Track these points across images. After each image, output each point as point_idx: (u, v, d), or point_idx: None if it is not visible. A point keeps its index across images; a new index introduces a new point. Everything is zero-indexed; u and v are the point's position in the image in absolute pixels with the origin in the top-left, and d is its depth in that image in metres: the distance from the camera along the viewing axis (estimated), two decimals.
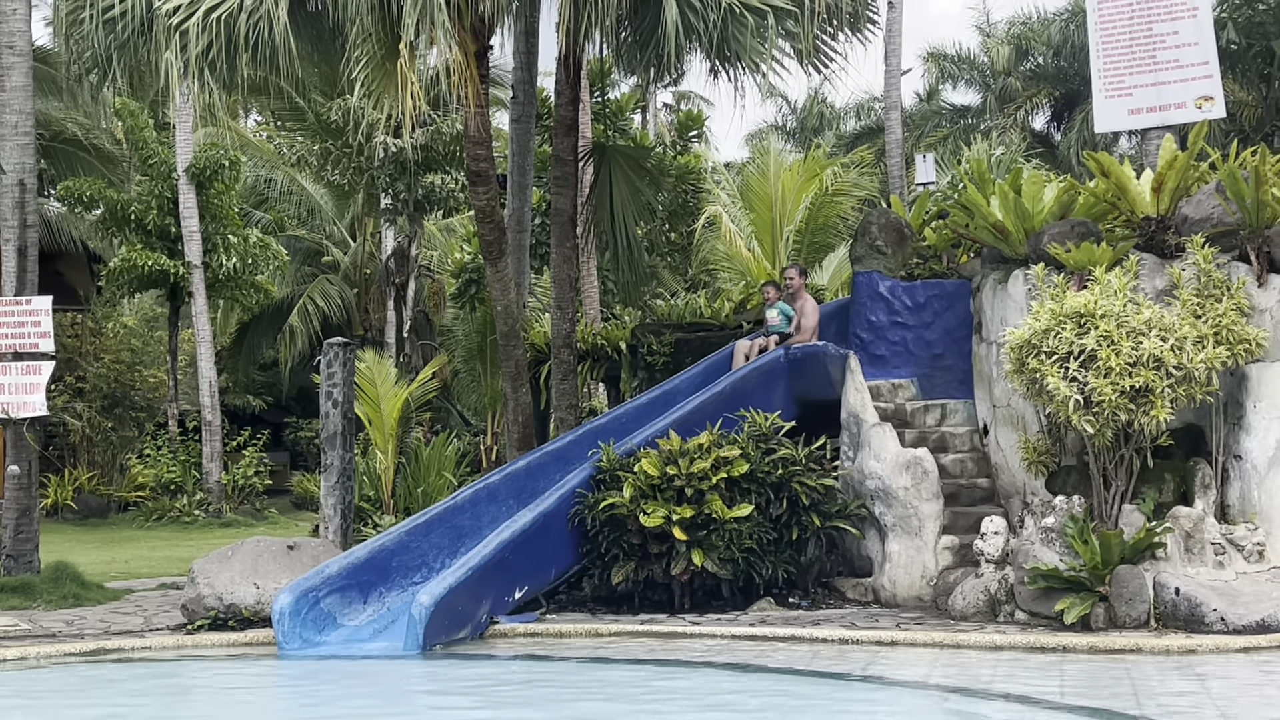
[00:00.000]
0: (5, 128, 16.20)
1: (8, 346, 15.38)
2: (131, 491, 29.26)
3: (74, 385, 28.53)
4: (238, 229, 30.82)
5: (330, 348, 15.83)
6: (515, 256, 18.62)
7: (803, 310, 15.86)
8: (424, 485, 21.19)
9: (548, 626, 12.38)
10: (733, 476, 13.19)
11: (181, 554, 19.95)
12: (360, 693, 10.12)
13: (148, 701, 9.89)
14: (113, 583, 16.54)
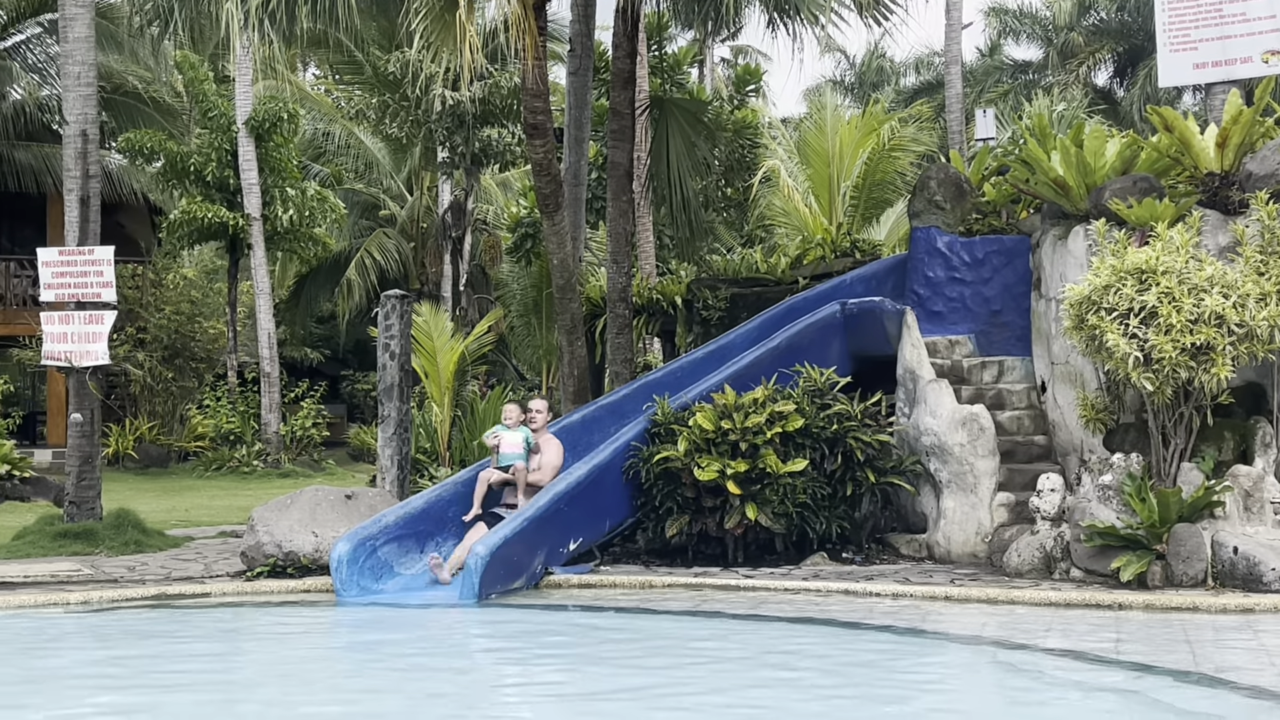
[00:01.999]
0: (68, 79, 16.33)
1: (70, 296, 15.54)
2: (191, 442, 29.60)
3: (135, 336, 28.83)
4: (296, 182, 30.97)
5: (388, 300, 15.90)
6: (571, 210, 18.61)
7: (546, 448, 13.29)
8: (479, 438, 21.28)
9: (602, 578, 12.44)
10: (787, 431, 13.18)
11: (240, 503, 20.19)
12: (419, 639, 10.20)
13: (209, 645, 10.02)
14: (173, 530, 16.76)
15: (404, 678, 8.69)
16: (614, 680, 8.68)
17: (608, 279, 18.25)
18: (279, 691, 8.45)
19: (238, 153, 29.81)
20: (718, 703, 7.87)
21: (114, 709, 7.83)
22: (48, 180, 31.03)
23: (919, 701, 8.16)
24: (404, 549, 12.46)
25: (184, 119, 34.31)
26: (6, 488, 22.17)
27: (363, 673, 9.07)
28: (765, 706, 7.71)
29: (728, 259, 22.27)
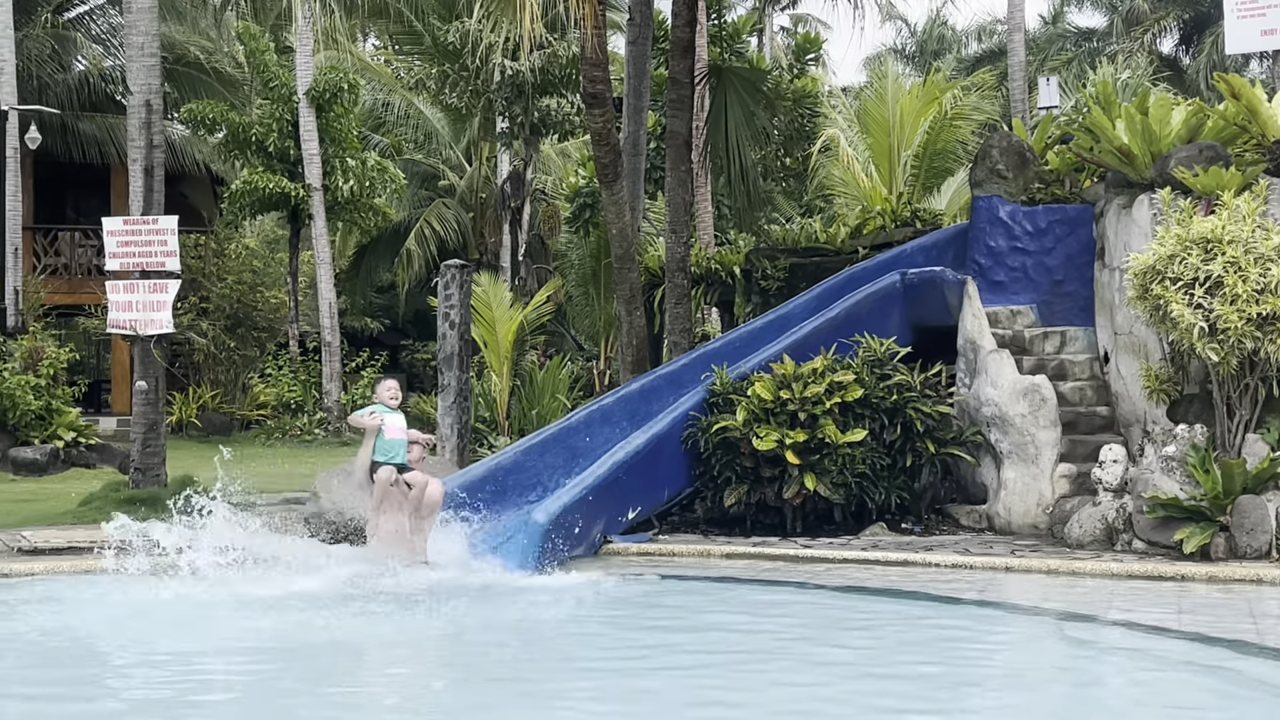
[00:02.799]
0: (131, 49, 16.47)
1: (135, 265, 15.70)
2: (253, 410, 29.89)
3: (198, 305, 29.11)
4: (356, 152, 31.12)
5: (448, 270, 15.98)
6: (630, 180, 18.59)
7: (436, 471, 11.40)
8: (538, 408, 21.38)
9: (660, 546, 12.48)
10: (846, 401, 13.15)
11: (303, 471, 20.32)
12: (481, 604, 10.27)
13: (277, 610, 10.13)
14: (236, 498, 16.92)
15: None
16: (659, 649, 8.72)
17: (666, 249, 18.24)
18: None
19: (299, 123, 29.98)
20: (769, 681, 7.88)
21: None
22: (111, 151, 31.33)
23: (979, 672, 8.14)
24: (464, 517, 12.53)
25: (245, 89, 34.54)
26: (73, 454, 22.48)
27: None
28: (822, 680, 7.71)
29: (787, 229, 22.18)
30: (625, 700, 7.13)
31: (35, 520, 14.67)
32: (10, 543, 12.85)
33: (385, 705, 7.31)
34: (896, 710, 6.90)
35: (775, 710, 6.88)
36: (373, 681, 7.94)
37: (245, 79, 34.72)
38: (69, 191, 34.18)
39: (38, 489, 19.07)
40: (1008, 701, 7.32)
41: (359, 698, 7.42)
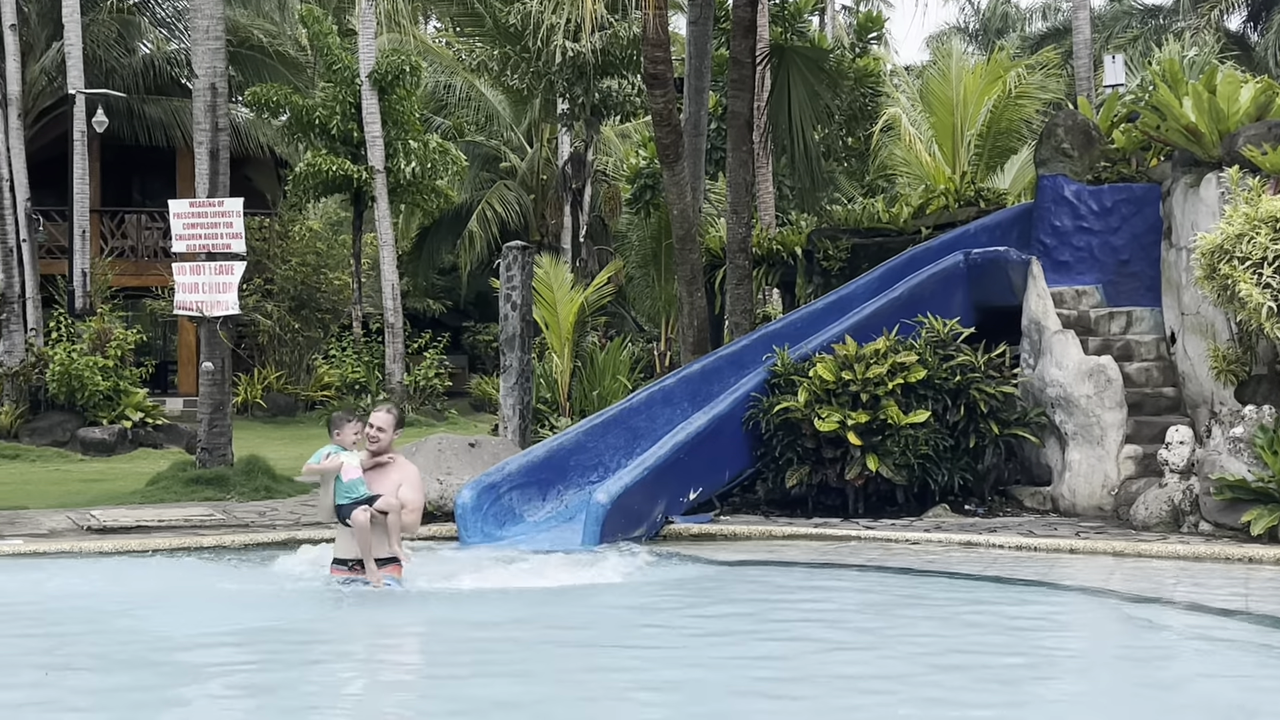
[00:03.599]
0: (196, 32, 16.63)
1: (201, 247, 15.86)
2: (318, 391, 30.14)
3: (263, 287, 29.35)
4: (418, 134, 31.24)
5: (509, 251, 16.03)
6: (691, 161, 18.56)
7: (406, 478, 9.59)
8: (599, 389, 21.38)
9: (722, 527, 12.49)
10: (909, 382, 13.09)
11: None
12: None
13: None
14: (305, 476, 17.08)
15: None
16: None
17: (727, 229, 18.20)
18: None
19: (361, 106, 30.13)
20: (830, 666, 7.86)
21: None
22: (177, 134, 31.65)
23: (1044, 655, 8.09)
24: (526, 496, 12.62)
25: (308, 72, 34.76)
26: (140, 435, 22.79)
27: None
28: (885, 664, 7.68)
29: (849, 209, 22.07)
30: (666, 690, 7.08)
31: (104, 499, 14.89)
32: (80, 521, 13.06)
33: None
34: (959, 697, 6.84)
35: (834, 697, 6.83)
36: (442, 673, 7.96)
37: (308, 62, 34.94)
38: (135, 174, 34.58)
39: (106, 469, 19.37)
40: (1074, 685, 7.28)
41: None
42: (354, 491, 9.15)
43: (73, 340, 23.58)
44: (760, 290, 23.73)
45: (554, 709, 6.69)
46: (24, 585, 10.08)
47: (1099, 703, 6.88)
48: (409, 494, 9.36)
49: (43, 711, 6.52)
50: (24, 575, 10.48)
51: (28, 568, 10.84)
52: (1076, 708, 6.76)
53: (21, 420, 22.69)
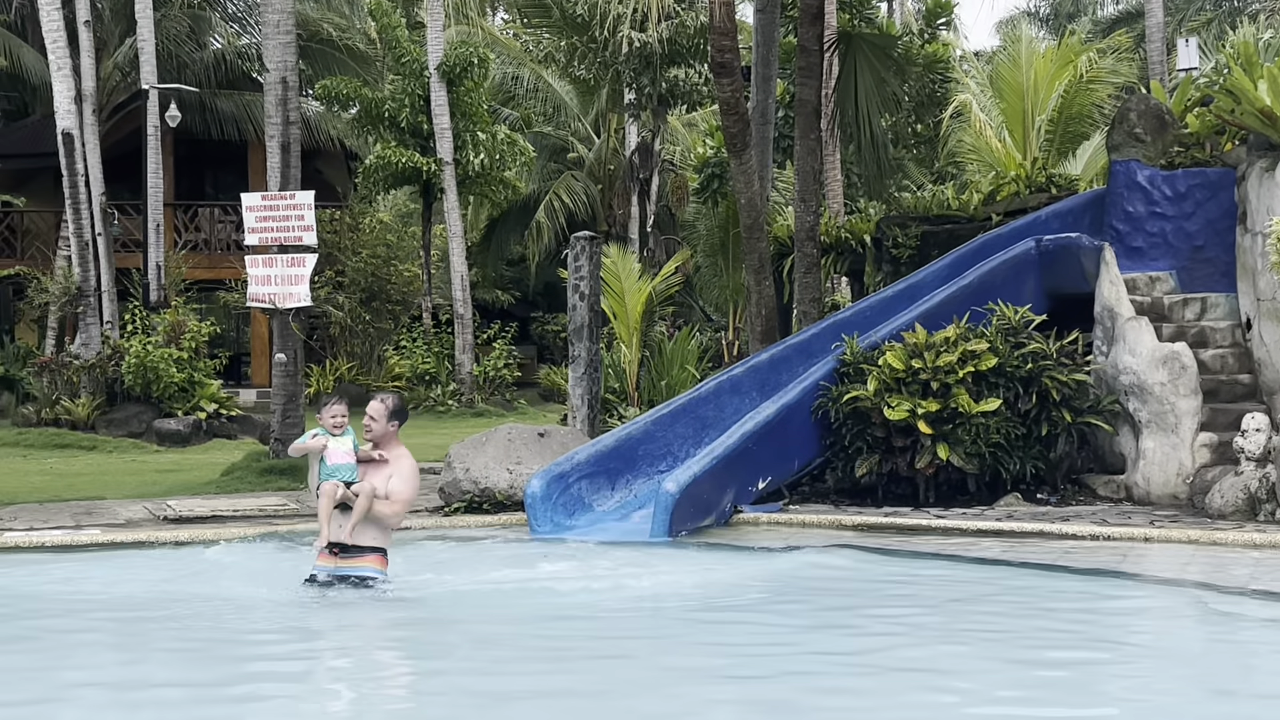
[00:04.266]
0: (268, 27, 16.79)
1: (273, 239, 16.00)
2: (388, 381, 30.38)
3: (334, 279, 29.65)
4: (486, 126, 31.39)
5: (577, 241, 16.07)
6: (759, 149, 18.51)
7: (399, 471, 9.13)
8: (667, 378, 21.39)
9: (791, 516, 12.47)
10: (980, 370, 12.99)
11: (436, 441, 20.62)
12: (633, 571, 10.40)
13: (418, 574, 10.32)
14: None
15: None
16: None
17: (795, 218, 18.14)
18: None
19: (430, 98, 30.31)
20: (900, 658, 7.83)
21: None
22: (248, 128, 31.98)
23: (1119, 644, 8.01)
24: (595, 486, 12.65)
25: (378, 65, 35.01)
26: (214, 426, 23.07)
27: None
28: (958, 654, 7.64)
29: (918, 196, 21.91)
30: (724, 684, 7.08)
31: (179, 490, 15.09)
32: (156, 511, 13.25)
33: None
34: (1032, 691, 6.76)
35: (906, 692, 6.75)
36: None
37: (378, 55, 35.19)
38: (208, 168, 34.99)
39: (181, 459, 19.62)
40: (1150, 675, 7.19)
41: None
42: (336, 475, 8.85)
43: (148, 333, 23.90)
44: (829, 279, 23.65)
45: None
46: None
47: (1176, 694, 6.80)
48: (396, 485, 8.94)
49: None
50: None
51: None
52: (1153, 699, 6.68)
53: (98, 412, 23.04)
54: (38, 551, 11.21)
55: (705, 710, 6.44)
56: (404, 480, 8.98)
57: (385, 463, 8.98)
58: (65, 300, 26.38)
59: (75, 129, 24.61)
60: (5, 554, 11.10)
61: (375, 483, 8.84)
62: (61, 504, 13.97)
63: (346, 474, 8.87)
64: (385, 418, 9.10)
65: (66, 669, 7.26)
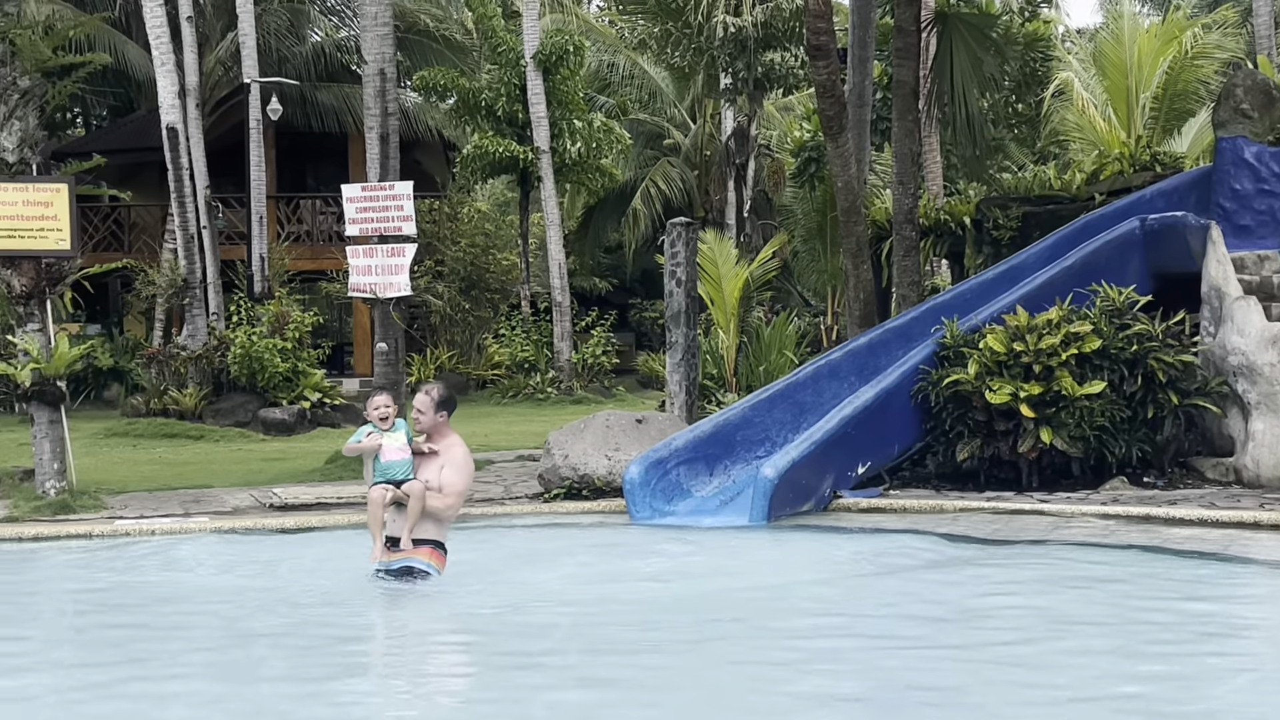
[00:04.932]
0: (365, 19, 16.97)
1: (373, 230, 16.15)
2: (488, 370, 30.63)
3: (433, 268, 29.87)
4: (583, 114, 31.47)
5: (674, 228, 16.08)
6: (856, 132, 18.38)
7: (450, 461, 8.81)
8: (765, 364, 21.35)
9: (891, 501, 12.39)
10: (1083, 352, 12.81)
11: (536, 428, 20.79)
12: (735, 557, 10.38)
13: (515, 559, 10.42)
14: (474, 454, 17.36)
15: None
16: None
17: (893, 200, 18.00)
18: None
19: (526, 87, 30.45)
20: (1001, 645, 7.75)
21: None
22: (348, 120, 32.33)
23: (1230, 631, 7.87)
24: (694, 471, 12.66)
25: (474, 56, 35.25)
26: (318, 414, 23.41)
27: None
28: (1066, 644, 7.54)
29: (1019, 177, 21.65)
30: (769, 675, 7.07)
31: (285, 478, 15.34)
32: (262, 499, 13.48)
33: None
34: (1142, 684, 6.63)
35: (1013, 679, 6.69)
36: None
37: (474, 45, 35.42)
38: (309, 161, 35.43)
39: (286, 448, 19.92)
40: (1266, 665, 7.05)
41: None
42: (389, 472, 8.61)
43: (252, 323, 24.31)
44: (928, 261, 23.45)
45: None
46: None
47: None
48: (448, 476, 8.67)
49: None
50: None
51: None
52: (1267, 686, 6.55)
53: (205, 402, 23.46)
54: (149, 537, 11.47)
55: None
56: (456, 471, 8.73)
57: (437, 454, 8.73)
58: (172, 293, 26.88)
59: (179, 124, 25.04)
60: (116, 540, 11.38)
61: (427, 475, 8.63)
62: (170, 492, 14.27)
63: (402, 470, 8.61)
64: (433, 409, 8.79)
65: (178, 655, 7.39)
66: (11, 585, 9.99)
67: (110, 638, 8.00)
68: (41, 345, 13.32)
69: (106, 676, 6.89)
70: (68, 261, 13.75)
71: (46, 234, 13.27)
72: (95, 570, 10.23)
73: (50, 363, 13.26)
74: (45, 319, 13.56)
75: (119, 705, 6.36)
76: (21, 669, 7.07)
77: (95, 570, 10.23)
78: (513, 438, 20.17)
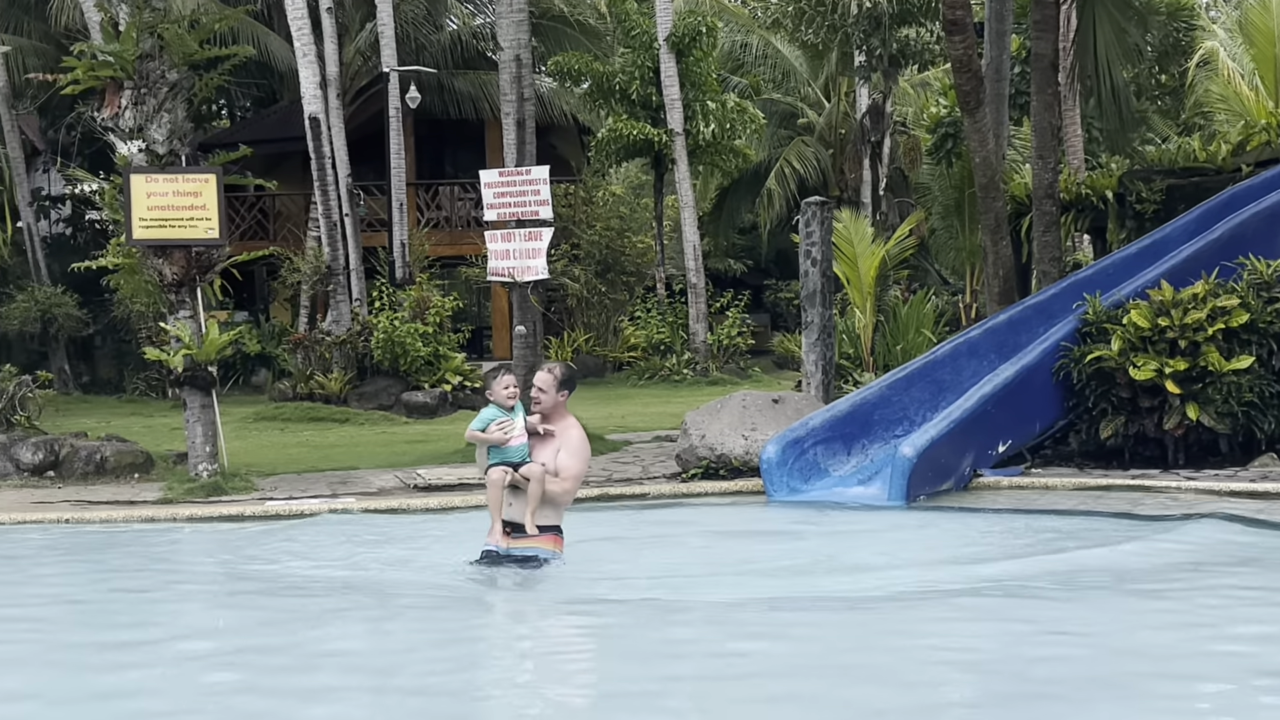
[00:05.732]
0: (501, 6, 17.14)
1: (511, 215, 16.34)
2: (624, 352, 30.80)
3: (570, 252, 30.08)
4: (716, 95, 31.42)
5: (808, 207, 16.02)
6: (993, 106, 18.14)
7: (567, 444, 8.53)
8: (902, 343, 21.17)
9: (1033, 480, 12.25)
10: (1231, 327, 12.52)
11: (672, 410, 20.86)
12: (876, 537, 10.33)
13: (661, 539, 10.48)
14: (611, 435, 17.52)
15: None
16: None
17: (1033, 175, 17.74)
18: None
19: (659, 70, 30.49)
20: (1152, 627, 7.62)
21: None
22: (485, 106, 32.64)
23: None
24: (831, 450, 12.64)
25: (607, 39, 35.36)
26: (459, 397, 23.75)
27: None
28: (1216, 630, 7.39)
29: (1162, 149, 21.18)
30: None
31: (428, 459, 15.59)
32: (406, 480, 13.74)
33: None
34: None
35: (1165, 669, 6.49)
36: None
37: (607, 29, 35.54)
38: (447, 147, 35.86)
39: (428, 430, 20.24)
40: None
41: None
42: (508, 455, 8.34)
43: (394, 309, 24.75)
44: (1068, 237, 23.05)
45: None
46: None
47: None
48: (565, 460, 8.39)
49: None
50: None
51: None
52: None
53: (350, 386, 23.95)
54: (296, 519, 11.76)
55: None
56: (572, 454, 8.46)
57: (552, 436, 8.46)
58: (316, 279, 27.43)
59: (321, 113, 25.49)
60: (265, 521, 11.70)
61: (543, 458, 8.38)
62: (318, 474, 14.60)
63: (519, 454, 8.37)
64: (555, 388, 8.50)
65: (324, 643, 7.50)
66: (222, 566, 10.17)
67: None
68: (193, 332, 13.69)
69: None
70: (217, 250, 14.11)
71: (196, 223, 13.63)
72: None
73: (202, 349, 13.64)
74: (196, 306, 13.94)
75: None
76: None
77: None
78: (649, 419, 20.26)
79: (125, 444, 15.09)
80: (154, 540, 11.12)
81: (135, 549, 10.72)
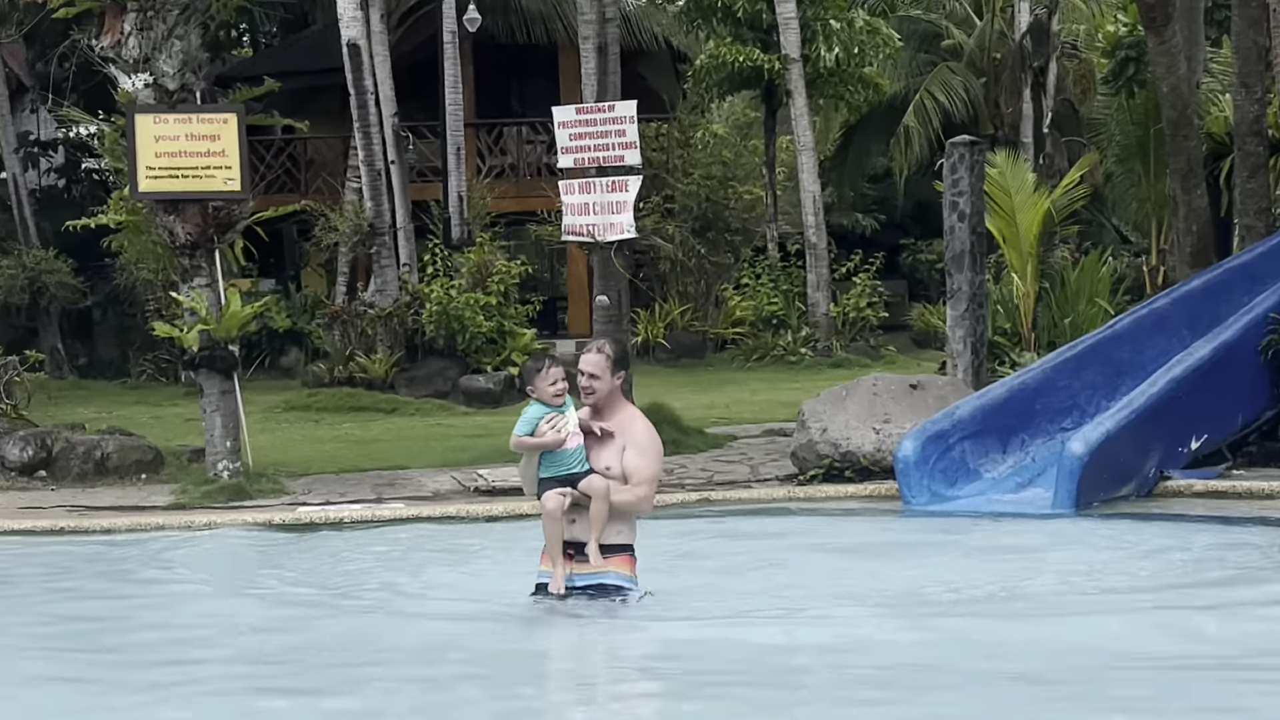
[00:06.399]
0: None
1: (591, 160, 16.22)
2: (728, 327, 30.74)
3: (662, 205, 30.01)
4: (841, 13, 31.24)
5: (955, 149, 15.95)
6: (1185, 23, 17.91)
7: (632, 440, 8.03)
8: (1072, 315, 20.99)
9: (1234, 484, 12.17)
10: None
11: (787, 397, 20.84)
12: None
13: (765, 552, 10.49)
14: (713, 428, 17.56)
15: None
16: None
17: (1235, 108, 17.51)
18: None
19: None
20: None
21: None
22: (558, 28, 32.67)
23: None
24: (982, 447, 12.59)
25: None
26: None
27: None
28: None
29: None
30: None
31: (490, 457, 15.65)
32: (466, 481, 13.85)
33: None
34: None
35: None
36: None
37: None
38: (513, 79, 35.93)
39: (491, 422, 20.33)
40: None
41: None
42: (564, 464, 7.94)
43: (450, 275, 24.83)
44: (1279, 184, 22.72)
45: None
46: None
47: None
48: (634, 461, 7.91)
49: None
50: None
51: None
52: None
53: (398, 369, 24.07)
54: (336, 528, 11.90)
55: None
56: (642, 451, 7.97)
57: (612, 436, 7.99)
58: (356, 240, 27.52)
59: (362, 39, 25.58)
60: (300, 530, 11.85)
61: (606, 461, 7.93)
62: (360, 474, 14.77)
63: (576, 462, 7.95)
64: (609, 370, 7.99)
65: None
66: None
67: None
68: (210, 303, 13.81)
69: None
70: (238, 205, 14.26)
71: (213, 173, 13.77)
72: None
73: (221, 324, 13.77)
74: (214, 273, 14.08)
75: None
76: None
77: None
78: (759, 408, 20.28)
79: (130, 438, 15.35)
80: (169, 556, 10.87)
81: (148, 566, 10.54)
